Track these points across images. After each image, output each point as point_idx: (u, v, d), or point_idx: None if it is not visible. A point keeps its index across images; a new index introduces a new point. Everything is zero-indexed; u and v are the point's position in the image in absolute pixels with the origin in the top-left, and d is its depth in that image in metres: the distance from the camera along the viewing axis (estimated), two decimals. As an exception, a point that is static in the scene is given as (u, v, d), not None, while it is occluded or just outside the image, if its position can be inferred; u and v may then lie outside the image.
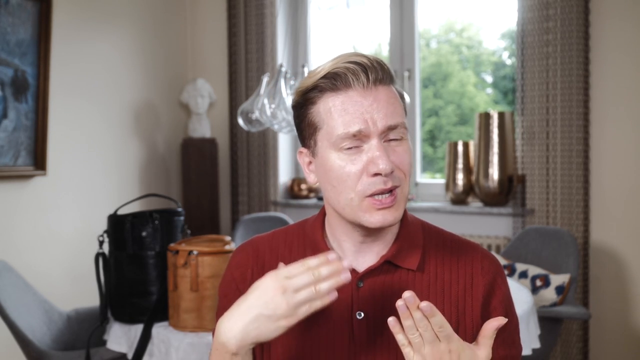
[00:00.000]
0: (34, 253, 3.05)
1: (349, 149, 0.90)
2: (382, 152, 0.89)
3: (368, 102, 0.89)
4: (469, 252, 1.00)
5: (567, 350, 2.96)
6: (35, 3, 2.96)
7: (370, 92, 0.90)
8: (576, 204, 2.94)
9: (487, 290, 0.97)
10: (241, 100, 3.79)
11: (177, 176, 4.01)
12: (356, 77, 0.89)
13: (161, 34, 3.89)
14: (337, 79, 0.90)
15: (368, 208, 0.91)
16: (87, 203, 3.34)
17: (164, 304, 1.93)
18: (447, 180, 3.29)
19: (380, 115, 0.89)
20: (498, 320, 0.90)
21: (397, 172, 0.91)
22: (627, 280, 2.92)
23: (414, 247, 0.98)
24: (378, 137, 0.90)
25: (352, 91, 0.90)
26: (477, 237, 3.20)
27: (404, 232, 0.99)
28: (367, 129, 0.89)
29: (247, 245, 1.06)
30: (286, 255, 1.02)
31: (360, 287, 0.96)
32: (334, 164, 0.92)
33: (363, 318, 0.95)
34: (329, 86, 0.91)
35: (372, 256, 0.98)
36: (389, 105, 0.90)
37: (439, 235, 1.03)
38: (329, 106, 0.91)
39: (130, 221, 1.96)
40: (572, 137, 2.94)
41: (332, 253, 0.85)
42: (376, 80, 0.90)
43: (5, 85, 2.87)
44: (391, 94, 0.92)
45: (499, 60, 3.65)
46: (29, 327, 2.17)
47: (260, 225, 3.31)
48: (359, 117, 0.89)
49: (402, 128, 0.92)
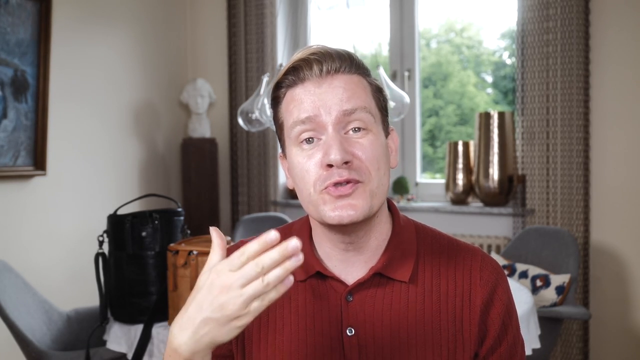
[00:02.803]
0: (34, 253, 3.05)
1: (308, 143, 0.86)
2: (335, 141, 0.83)
3: (321, 89, 0.86)
4: (467, 259, 0.93)
5: (567, 351, 2.96)
6: (35, 3, 2.96)
7: (325, 80, 0.86)
8: (576, 204, 2.94)
9: (486, 302, 0.91)
10: (241, 100, 3.79)
11: (177, 176, 4.01)
12: (310, 68, 0.86)
13: (161, 34, 3.89)
14: (293, 73, 0.88)
15: (325, 200, 0.85)
16: (87, 203, 3.34)
17: (163, 304, 1.93)
18: (447, 180, 3.29)
19: (335, 101, 0.85)
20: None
21: (359, 165, 0.85)
22: (627, 280, 2.92)
23: (407, 256, 0.92)
24: (333, 126, 0.85)
25: (307, 82, 0.87)
26: (477, 237, 3.20)
27: (395, 241, 0.92)
28: (318, 116, 0.85)
29: (232, 248, 0.98)
30: None
31: (350, 301, 0.90)
32: (294, 160, 0.88)
33: (354, 335, 0.89)
34: (289, 82, 0.88)
35: (361, 267, 0.91)
36: (346, 91, 0.86)
37: (434, 239, 0.96)
38: (289, 100, 0.89)
39: (130, 221, 1.96)
40: (572, 137, 2.93)
41: (272, 232, 0.73)
42: (331, 69, 0.86)
43: (5, 85, 2.87)
44: (352, 81, 0.87)
45: (499, 60, 3.65)
46: (28, 327, 2.17)
47: (260, 225, 3.31)
48: (311, 104, 0.85)
49: (363, 113, 0.86)
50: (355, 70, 0.89)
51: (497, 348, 0.91)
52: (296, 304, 0.92)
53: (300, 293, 0.92)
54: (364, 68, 0.91)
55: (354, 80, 0.88)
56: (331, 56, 0.87)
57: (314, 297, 0.91)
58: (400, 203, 3.39)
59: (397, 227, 0.94)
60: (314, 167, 0.85)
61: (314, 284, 0.92)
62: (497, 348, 0.91)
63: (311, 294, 0.92)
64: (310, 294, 0.92)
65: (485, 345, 0.91)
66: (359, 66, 0.89)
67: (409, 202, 3.40)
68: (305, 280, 0.92)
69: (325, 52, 0.87)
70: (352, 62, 0.88)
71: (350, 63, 0.88)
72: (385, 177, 0.88)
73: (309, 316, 0.91)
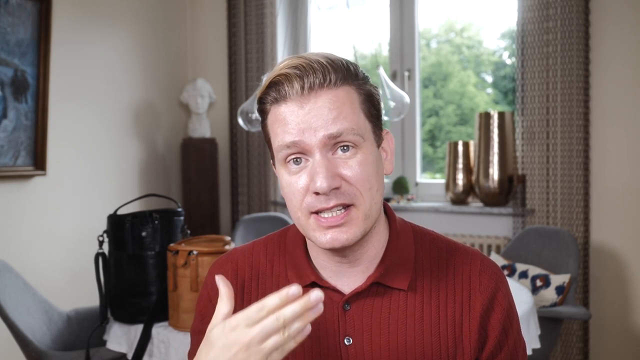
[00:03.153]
0: (34, 253, 3.05)
1: (295, 164, 0.83)
2: (321, 167, 0.80)
3: (304, 111, 0.81)
4: (466, 264, 0.91)
5: (567, 351, 2.96)
6: (35, 3, 2.96)
7: (308, 99, 0.81)
8: (576, 204, 2.94)
9: (486, 307, 0.89)
10: (241, 100, 3.79)
11: (177, 176, 4.01)
12: (291, 85, 0.81)
13: (161, 34, 3.89)
14: (275, 88, 0.83)
15: (315, 227, 0.83)
16: (87, 203, 3.34)
17: (163, 304, 1.93)
18: (447, 180, 3.29)
19: (320, 123, 0.80)
20: None
21: (349, 189, 0.82)
22: (627, 280, 2.92)
23: (404, 263, 0.90)
24: (320, 149, 0.81)
25: (289, 101, 0.82)
26: (477, 237, 3.20)
27: (392, 248, 0.90)
28: (302, 141, 0.81)
29: (225, 261, 0.97)
30: (267, 274, 0.94)
31: (347, 310, 0.89)
32: (283, 180, 0.85)
33: (352, 344, 0.88)
34: (272, 97, 0.84)
35: (358, 276, 0.89)
36: (331, 111, 0.81)
37: (432, 243, 0.94)
38: (273, 118, 0.85)
39: (130, 221, 1.96)
40: (572, 137, 2.93)
41: (294, 286, 0.71)
42: (314, 85, 0.81)
43: (5, 85, 2.87)
44: (338, 98, 0.82)
45: (499, 60, 3.65)
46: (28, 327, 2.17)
47: (260, 225, 3.31)
48: (295, 127, 0.81)
49: (351, 135, 0.81)
50: (341, 82, 0.83)
51: (497, 354, 0.91)
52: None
53: None
54: (352, 74, 0.85)
55: (339, 95, 0.82)
56: (313, 70, 0.81)
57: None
58: (400, 203, 3.39)
59: (394, 233, 0.92)
60: (301, 190, 0.83)
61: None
62: (497, 354, 0.91)
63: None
64: None
65: (485, 351, 0.90)
66: (345, 76, 0.83)
67: (409, 202, 3.40)
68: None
69: (307, 65, 0.81)
70: (337, 73, 0.82)
71: (335, 74, 0.82)
72: (378, 194, 0.85)
73: None
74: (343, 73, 0.83)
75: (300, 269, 0.91)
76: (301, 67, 0.81)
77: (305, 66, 0.81)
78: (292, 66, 0.81)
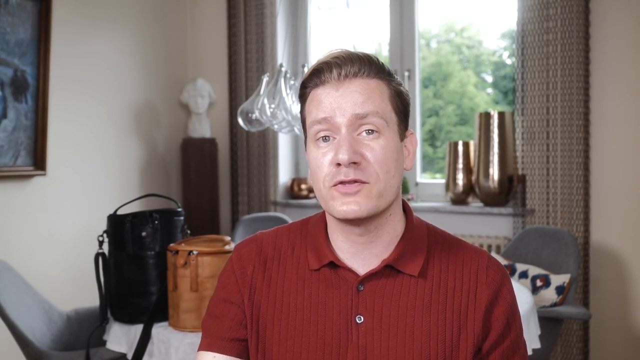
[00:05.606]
0: (33, 253, 3.05)
1: (324, 141, 0.92)
2: (345, 142, 0.89)
3: (339, 93, 0.91)
4: (474, 259, 0.98)
5: (568, 351, 2.96)
6: (35, 3, 2.96)
7: (342, 84, 0.91)
8: (576, 204, 2.94)
9: (491, 299, 0.95)
10: (241, 100, 3.79)
11: (177, 176, 4.01)
12: (330, 71, 0.91)
13: (161, 33, 3.89)
14: (316, 74, 0.93)
15: (334, 196, 0.91)
16: (87, 203, 3.34)
17: (163, 304, 1.93)
18: (447, 180, 3.29)
19: (349, 104, 0.90)
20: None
21: (368, 167, 0.90)
22: (627, 280, 2.92)
23: (418, 252, 0.97)
24: (347, 127, 0.90)
25: (327, 84, 0.92)
26: (477, 237, 3.20)
27: (408, 236, 0.97)
28: (333, 118, 0.90)
29: (251, 240, 1.05)
30: (289, 254, 1.01)
31: (361, 290, 0.95)
32: (311, 155, 0.94)
33: (363, 322, 0.94)
34: (312, 82, 0.94)
35: (373, 259, 0.96)
36: (361, 95, 0.90)
37: (444, 239, 1.01)
38: (311, 100, 0.94)
39: (130, 221, 1.96)
40: (572, 137, 2.93)
41: None
42: (349, 73, 0.91)
43: (5, 85, 2.87)
44: (368, 86, 0.92)
45: (499, 60, 3.65)
46: (28, 327, 2.17)
47: (260, 225, 3.31)
48: (328, 106, 0.91)
49: (376, 118, 0.90)
50: (374, 75, 0.92)
51: (500, 344, 0.95)
52: (309, 291, 0.97)
53: (314, 282, 0.97)
54: (385, 72, 0.94)
55: (371, 85, 0.92)
56: (351, 60, 0.91)
57: (327, 285, 0.96)
58: (400, 203, 3.38)
59: (410, 225, 0.99)
60: (326, 164, 0.91)
61: (327, 273, 0.97)
62: (500, 344, 0.95)
63: (324, 283, 0.97)
64: (323, 283, 0.97)
65: (488, 341, 0.95)
66: (379, 71, 0.93)
67: (409, 202, 3.40)
68: (319, 269, 0.97)
69: (346, 57, 0.92)
70: (371, 67, 0.92)
71: (370, 68, 0.92)
72: (394, 179, 0.92)
73: (321, 303, 0.96)
74: (377, 67, 0.93)
75: (320, 249, 0.98)
76: (341, 57, 0.92)
77: (345, 57, 0.92)
78: (334, 56, 0.92)
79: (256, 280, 1.00)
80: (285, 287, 0.98)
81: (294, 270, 0.99)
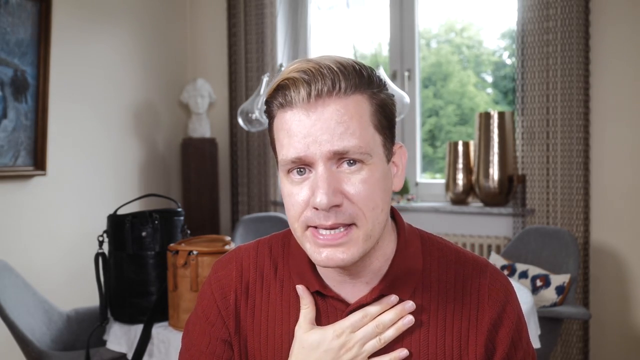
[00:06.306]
0: (33, 253, 3.05)
1: (299, 174, 0.79)
2: (323, 182, 0.76)
3: (311, 120, 0.76)
4: (475, 275, 0.88)
5: (568, 351, 2.96)
6: (35, 3, 2.96)
7: (315, 107, 0.76)
8: (576, 204, 2.94)
9: (494, 321, 0.87)
10: (241, 100, 3.79)
11: (177, 176, 4.01)
12: (297, 91, 0.76)
13: (161, 34, 3.89)
14: (281, 92, 0.78)
15: (311, 241, 0.79)
16: (87, 203, 3.34)
17: (163, 304, 1.93)
18: (447, 180, 3.29)
19: (325, 137, 0.75)
20: None
21: (350, 207, 0.77)
22: (627, 280, 2.92)
23: (411, 275, 0.87)
24: (324, 162, 0.76)
25: (295, 107, 0.77)
26: (477, 237, 3.20)
27: (400, 257, 0.87)
28: (307, 156, 0.76)
29: (230, 259, 0.95)
30: (271, 277, 0.91)
31: None
32: (284, 188, 0.81)
33: None
34: (278, 102, 0.79)
35: (362, 287, 0.86)
36: (339, 125, 0.75)
37: (441, 252, 0.90)
38: (279, 125, 0.80)
39: (130, 221, 1.96)
40: (572, 137, 2.93)
41: (392, 295, 0.84)
42: (321, 93, 0.75)
43: (5, 85, 2.87)
44: (347, 108, 0.76)
45: (499, 60, 3.65)
46: (28, 327, 2.16)
47: (260, 225, 3.31)
48: (301, 140, 0.76)
49: (358, 154, 0.76)
50: (352, 90, 0.77)
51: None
52: (296, 319, 0.89)
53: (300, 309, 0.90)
54: (365, 81, 0.79)
55: (348, 106, 0.77)
56: (322, 75, 0.76)
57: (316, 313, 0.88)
58: (400, 203, 3.39)
59: (402, 241, 0.88)
60: (301, 203, 0.78)
61: (315, 299, 0.88)
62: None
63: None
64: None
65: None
66: (357, 82, 0.78)
67: (409, 202, 3.40)
68: None
69: (316, 70, 0.76)
70: (347, 80, 0.77)
71: (346, 81, 0.77)
72: (382, 214, 0.80)
73: None
74: (354, 80, 0.78)
75: (304, 277, 0.89)
76: (309, 71, 0.76)
77: (313, 71, 0.76)
78: (300, 70, 0.77)
79: (240, 308, 0.91)
80: (270, 315, 0.90)
81: (278, 296, 0.90)
